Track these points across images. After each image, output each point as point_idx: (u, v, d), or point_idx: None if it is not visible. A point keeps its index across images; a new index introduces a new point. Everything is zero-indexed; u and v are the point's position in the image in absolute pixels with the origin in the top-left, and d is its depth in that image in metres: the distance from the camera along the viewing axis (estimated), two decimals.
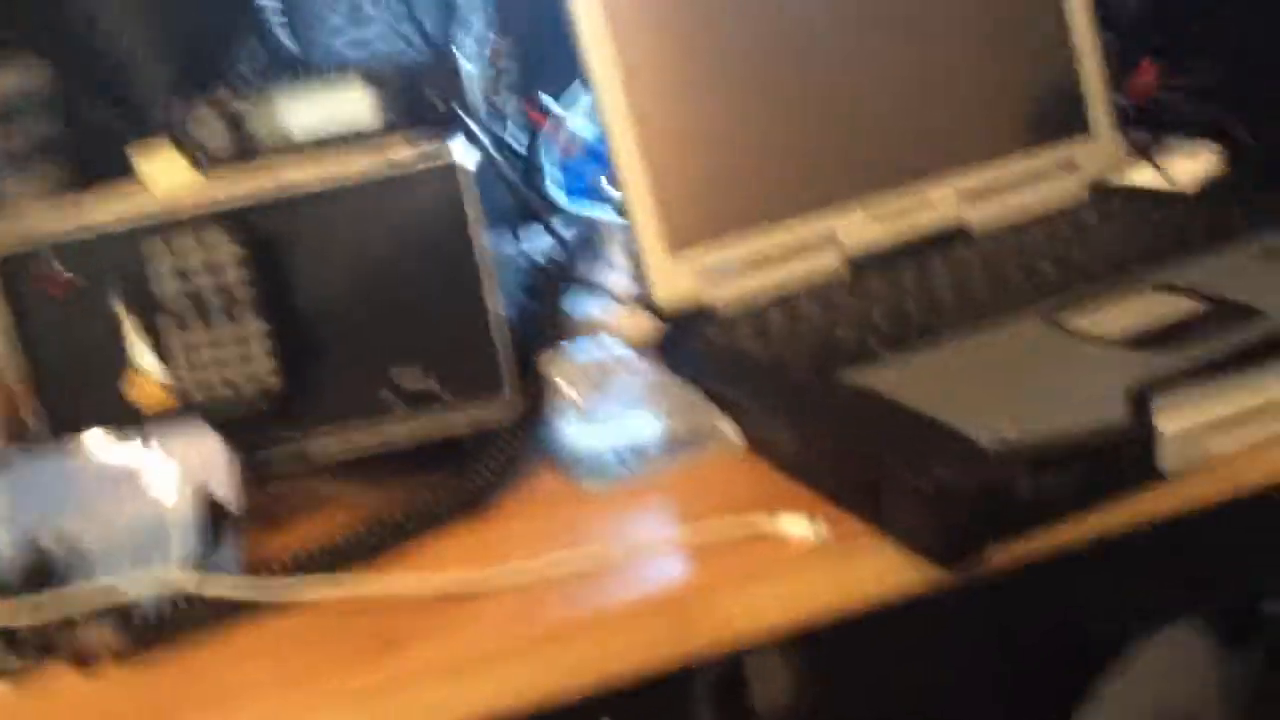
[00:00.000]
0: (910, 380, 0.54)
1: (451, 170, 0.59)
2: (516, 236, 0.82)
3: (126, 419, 0.59)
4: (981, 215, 0.74)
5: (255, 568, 0.55)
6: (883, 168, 0.72)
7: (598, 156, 0.96)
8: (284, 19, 1.00)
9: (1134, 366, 0.51)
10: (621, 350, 0.66)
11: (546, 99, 0.95)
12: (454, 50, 0.72)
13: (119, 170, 0.71)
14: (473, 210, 0.60)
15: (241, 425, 0.59)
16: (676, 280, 0.68)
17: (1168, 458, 0.48)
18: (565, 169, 0.93)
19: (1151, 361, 0.52)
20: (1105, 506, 0.49)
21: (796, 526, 0.51)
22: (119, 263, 0.59)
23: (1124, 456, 0.48)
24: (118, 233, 0.59)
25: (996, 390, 0.53)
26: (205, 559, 0.55)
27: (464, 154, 0.61)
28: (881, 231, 0.72)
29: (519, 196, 0.68)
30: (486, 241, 0.61)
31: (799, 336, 0.63)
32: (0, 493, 0.58)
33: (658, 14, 0.68)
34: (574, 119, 0.93)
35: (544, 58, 1.02)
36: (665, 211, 0.68)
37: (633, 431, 0.60)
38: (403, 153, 0.61)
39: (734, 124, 0.69)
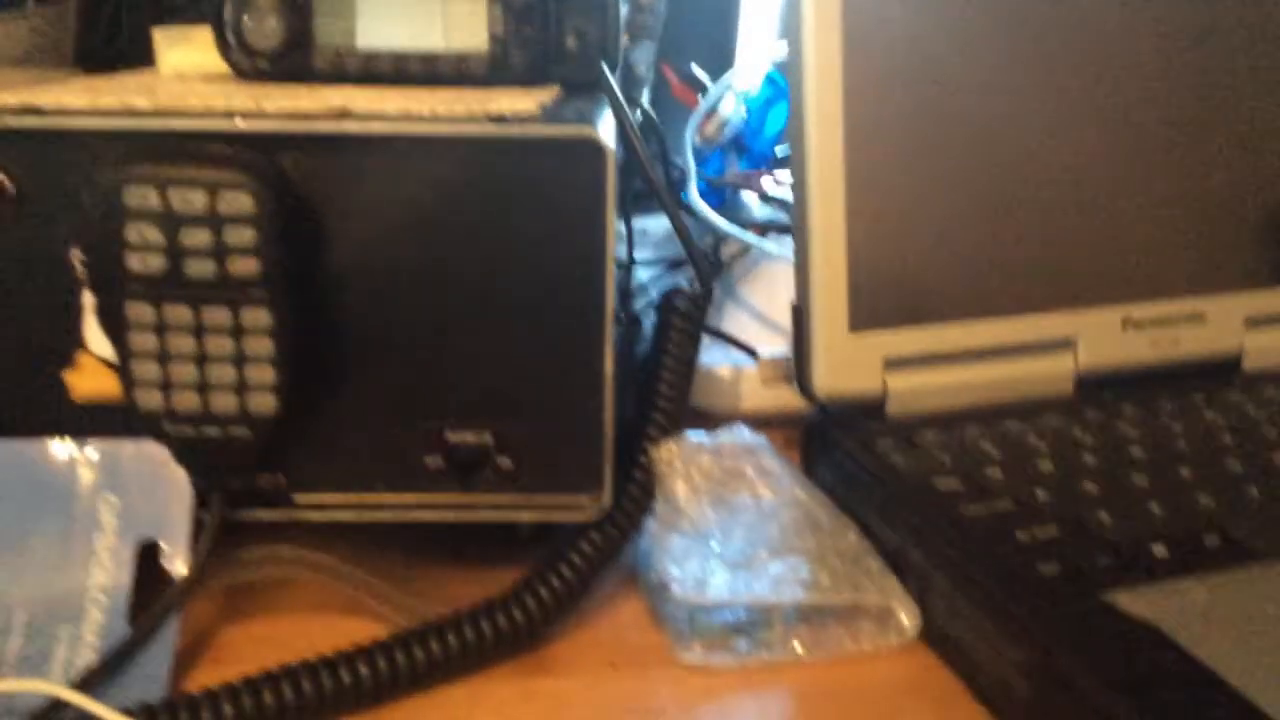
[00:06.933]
0: (1201, 619, 0.36)
1: (593, 150, 0.40)
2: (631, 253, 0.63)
3: (59, 410, 0.42)
4: (1266, 349, 0.55)
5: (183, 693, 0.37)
6: (1144, 268, 0.53)
7: (744, 151, 0.77)
8: None
9: None
10: (762, 450, 0.48)
11: (699, 72, 0.76)
12: None
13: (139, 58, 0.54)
14: (608, 217, 0.41)
15: (211, 454, 0.41)
16: (849, 366, 0.49)
17: None
18: (698, 158, 0.74)
19: None
20: None
21: None
22: (83, 181, 0.39)
23: None
24: (87, 134, 0.39)
25: None
26: (126, 655, 0.38)
27: (608, 130, 0.41)
28: (1133, 348, 0.53)
29: (660, 202, 0.49)
30: (613, 264, 0.42)
31: (1030, 501, 0.44)
32: None
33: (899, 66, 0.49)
34: (728, 101, 0.74)
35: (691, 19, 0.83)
36: (856, 276, 0.48)
37: (760, 580, 0.42)
38: (522, 103, 0.42)
39: (973, 184, 0.50)
